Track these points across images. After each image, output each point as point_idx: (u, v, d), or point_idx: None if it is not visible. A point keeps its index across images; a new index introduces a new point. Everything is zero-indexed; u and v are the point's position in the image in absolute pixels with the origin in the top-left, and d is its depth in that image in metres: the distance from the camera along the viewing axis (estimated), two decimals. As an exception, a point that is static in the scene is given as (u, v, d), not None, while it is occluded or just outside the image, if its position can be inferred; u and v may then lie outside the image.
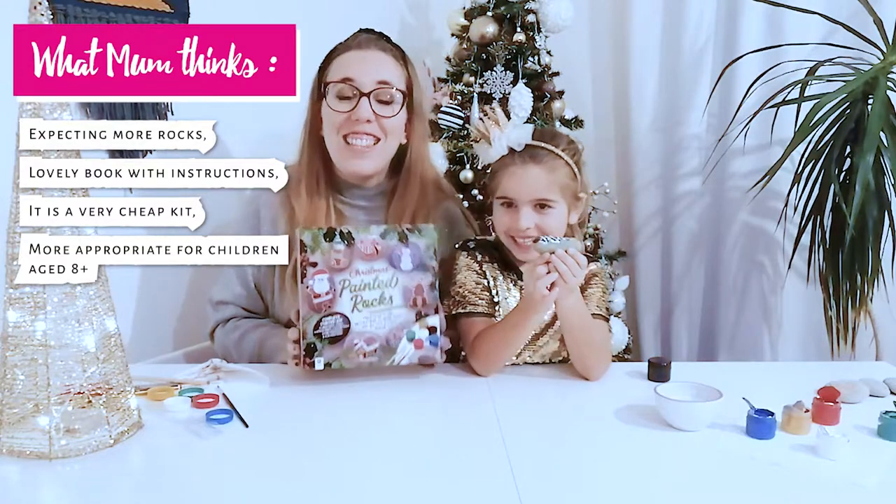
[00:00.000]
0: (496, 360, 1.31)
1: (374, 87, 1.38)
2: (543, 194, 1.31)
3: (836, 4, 1.96)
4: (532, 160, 1.31)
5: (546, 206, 1.31)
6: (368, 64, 1.40)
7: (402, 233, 1.26)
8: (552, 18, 1.96)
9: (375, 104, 1.39)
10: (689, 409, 1.10)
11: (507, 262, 1.39)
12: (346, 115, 1.39)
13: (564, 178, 1.33)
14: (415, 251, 1.25)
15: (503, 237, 1.36)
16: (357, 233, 1.24)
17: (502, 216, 1.34)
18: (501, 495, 0.91)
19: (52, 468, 0.96)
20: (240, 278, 1.47)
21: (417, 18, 2.36)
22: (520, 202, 1.31)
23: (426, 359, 1.27)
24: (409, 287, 1.25)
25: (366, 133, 1.39)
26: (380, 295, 1.24)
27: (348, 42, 1.44)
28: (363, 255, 1.23)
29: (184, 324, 1.76)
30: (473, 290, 1.36)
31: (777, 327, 2.23)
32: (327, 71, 1.43)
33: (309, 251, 1.21)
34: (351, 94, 1.39)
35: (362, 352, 1.23)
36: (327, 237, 1.22)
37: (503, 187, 1.33)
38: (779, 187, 1.96)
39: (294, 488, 0.93)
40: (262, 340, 1.41)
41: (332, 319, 1.22)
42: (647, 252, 2.34)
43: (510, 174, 1.32)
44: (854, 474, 0.97)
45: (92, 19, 1.47)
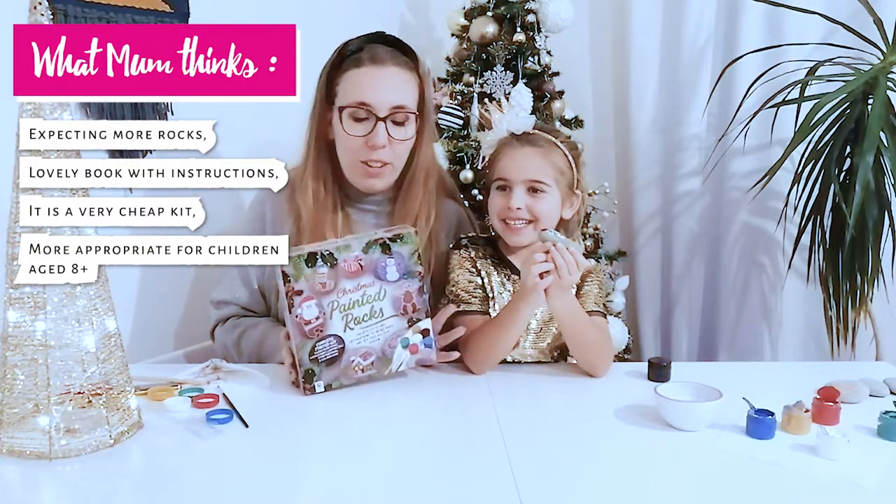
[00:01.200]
0: (489, 358, 1.31)
1: (390, 112, 1.36)
2: (537, 175, 1.33)
3: (836, 4, 1.96)
4: (529, 144, 1.35)
5: (539, 191, 1.33)
6: (385, 86, 1.36)
7: (385, 243, 1.23)
8: (552, 18, 1.96)
9: (391, 126, 1.37)
10: (689, 409, 1.10)
11: (502, 258, 1.40)
12: (362, 140, 1.36)
13: (559, 164, 1.35)
14: (399, 260, 1.23)
15: (496, 222, 1.37)
16: (339, 252, 1.20)
17: (496, 199, 1.36)
18: (501, 495, 0.91)
19: (52, 468, 0.96)
20: (243, 280, 1.47)
21: (417, 18, 2.36)
22: (513, 182, 1.33)
23: (423, 361, 1.27)
24: (398, 296, 1.24)
25: (380, 160, 1.37)
26: (370, 309, 1.22)
27: (361, 54, 1.38)
28: (348, 273, 1.21)
29: (185, 324, 1.76)
30: (466, 288, 1.37)
31: (777, 327, 2.23)
32: (339, 81, 1.39)
33: (293, 280, 1.18)
34: (366, 116, 1.36)
35: (360, 367, 1.23)
36: (309, 263, 1.18)
37: (499, 168, 1.36)
38: (779, 187, 1.96)
39: (294, 488, 0.93)
40: (263, 338, 1.41)
41: (325, 342, 1.21)
42: (647, 252, 2.34)
43: (506, 155, 1.35)
44: (854, 474, 0.97)
45: (92, 19, 1.47)
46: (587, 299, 1.36)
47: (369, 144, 1.36)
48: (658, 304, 2.36)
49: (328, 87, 1.40)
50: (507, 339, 1.30)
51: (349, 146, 1.38)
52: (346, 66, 1.39)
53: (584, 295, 1.37)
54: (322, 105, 1.41)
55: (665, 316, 2.37)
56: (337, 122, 1.39)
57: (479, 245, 1.41)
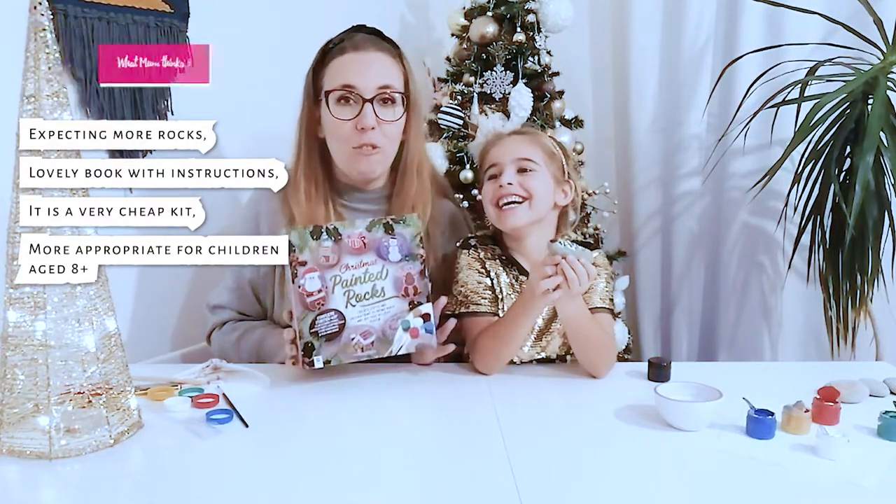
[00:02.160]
0: (497, 358, 1.31)
1: (376, 93, 1.37)
2: (525, 153, 1.37)
3: (836, 4, 1.96)
4: (517, 133, 1.45)
5: (529, 170, 1.36)
6: (368, 68, 1.38)
7: (388, 224, 1.26)
8: (552, 18, 1.96)
9: (378, 107, 1.38)
10: (689, 409, 1.10)
11: (510, 257, 1.40)
12: (350, 124, 1.37)
13: (548, 147, 1.39)
14: (401, 241, 1.26)
15: (490, 210, 1.39)
16: (343, 228, 1.24)
17: (488, 187, 1.39)
18: (501, 495, 0.91)
19: (52, 468, 0.96)
20: (236, 283, 1.46)
21: (417, 18, 2.36)
22: (503, 164, 1.37)
23: (423, 346, 1.27)
24: (400, 277, 1.25)
25: (370, 144, 1.38)
26: (371, 288, 1.24)
27: (343, 44, 1.40)
28: (351, 250, 1.23)
29: (182, 325, 1.76)
30: (475, 289, 1.37)
31: (777, 327, 2.23)
32: (324, 73, 1.41)
33: (297, 250, 1.21)
34: (353, 100, 1.37)
35: (360, 346, 1.24)
36: (314, 235, 1.22)
37: (488, 157, 1.40)
38: (779, 187, 1.96)
39: (294, 488, 0.93)
40: (261, 341, 1.41)
41: (326, 316, 1.22)
42: (647, 252, 2.34)
43: (494, 145, 1.41)
44: (854, 474, 0.97)
45: (92, 19, 1.47)
46: (593, 294, 1.36)
47: (358, 127, 1.36)
48: (658, 304, 2.36)
49: (314, 84, 1.42)
50: (515, 339, 1.30)
51: (339, 133, 1.38)
52: (329, 58, 1.40)
53: (591, 290, 1.36)
54: (310, 102, 1.42)
55: (665, 316, 2.37)
56: (325, 110, 1.39)
57: (488, 245, 1.42)
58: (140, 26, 1.57)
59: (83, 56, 1.47)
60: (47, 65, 0.95)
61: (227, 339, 1.45)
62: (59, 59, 0.97)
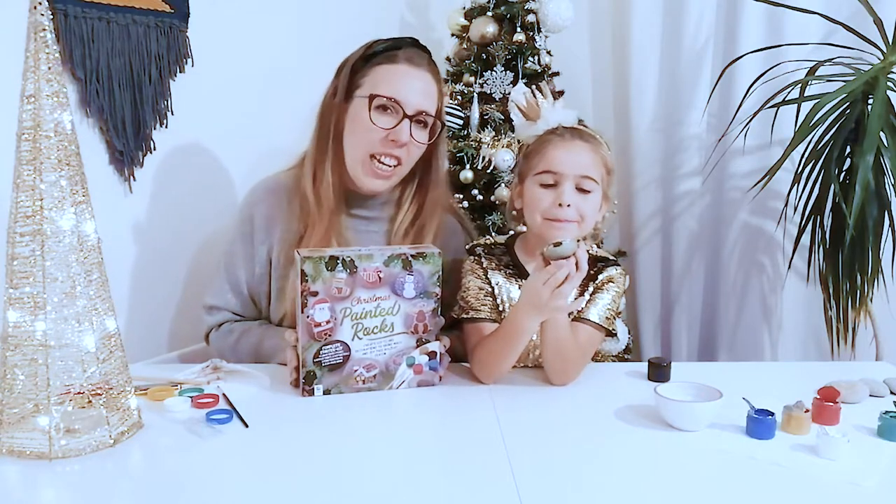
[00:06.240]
0: (497, 368, 1.29)
1: (416, 113, 1.36)
2: (588, 171, 1.26)
3: (836, 4, 1.96)
4: (579, 138, 1.29)
5: (587, 192, 1.27)
6: (418, 87, 1.36)
7: (407, 260, 1.22)
8: (552, 18, 1.96)
9: (414, 126, 1.37)
10: (689, 409, 1.10)
11: (518, 266, 1.36)
12: (384, 132, 1.35)
13: (607, 163, 1.30)
14: (419, 278, 1.23)
15: (536, 218, 1.29)
16: (360, 261, 1.19)
17: (541, 195, 1.27)
18: (502, 495, 0.91)
19: (52, 468, 0.96)
20: (232, 286, 1.46)
21: (417, 18, 2.36)
22: (564, 177, 1.25)
23: (424, 383, 1.27)
24: (411, 314, 1.24)
25: (394, 156, 1.37)
26: (381, 322, 1.22)
27: (394, 52, 1.37)
28: (365, 283, 1.20)
29: (178, 326, 1.76)
30: (476, 295, 1.35)
31: (777, 327, 2.23)
32: (366, 73, 1.37)
33: (310, 280, 1.17)
34: (391, 110, 1.35)
35: (361, 378, 1.23)
36: (329, 266, 1.18)
37: (547, 160, 1.27)
38: (779, 187, 1.97)
39: (294, 488, 0.93)
40: (259, 342, 1.41)
41: (332, 347, 1.21)
42: (647, 252, 2.34)
43: (555, 146, 1.27)
44: (854, 474, 0.97)
45: (92, 19, 1.47)
46: (593, 306, 1.32)
47: (391, 138, 1.35)
48: (658, 304, 2.36)
49: (351, 84, 1.38)
50: (514, 351, 1.26)
51: (368, 137, 1.36)
52: (378, 61, 1.37)
53: (594, 301, 1.33)
54: (340, 95, 1.38)
55: (665, 316, 2.37)
56: (363, 109, 1.36)
57: (495, 255, 1.37)
58: (140, 26, 1.57)
59: (83, 56, 1.47)
60: (47, 65, 0.95)
61: (226, 341, 1.45)
62: (59, 59, 0.97)
